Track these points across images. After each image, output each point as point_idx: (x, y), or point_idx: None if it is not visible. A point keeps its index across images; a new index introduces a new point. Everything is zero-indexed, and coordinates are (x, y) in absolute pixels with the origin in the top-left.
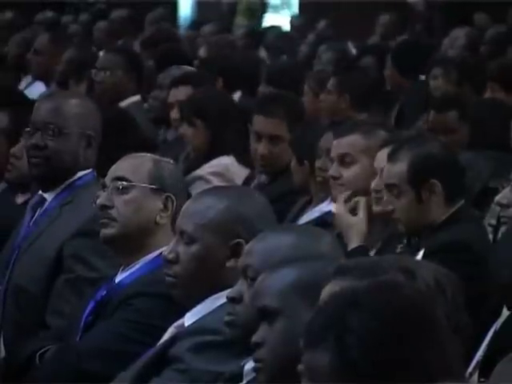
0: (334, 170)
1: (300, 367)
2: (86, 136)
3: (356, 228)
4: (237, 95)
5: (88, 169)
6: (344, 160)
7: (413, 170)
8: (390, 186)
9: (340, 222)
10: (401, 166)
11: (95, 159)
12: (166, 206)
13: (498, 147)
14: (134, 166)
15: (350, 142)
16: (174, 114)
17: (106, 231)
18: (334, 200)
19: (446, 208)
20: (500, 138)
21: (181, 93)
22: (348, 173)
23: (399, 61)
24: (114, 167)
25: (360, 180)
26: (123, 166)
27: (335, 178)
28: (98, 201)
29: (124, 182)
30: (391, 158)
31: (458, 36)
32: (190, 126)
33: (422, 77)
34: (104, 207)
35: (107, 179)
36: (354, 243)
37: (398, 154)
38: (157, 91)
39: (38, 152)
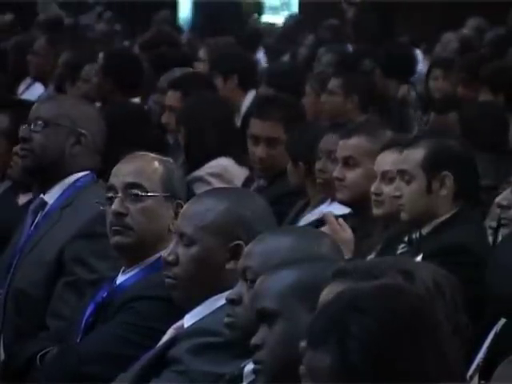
0: (338, 171)
1: (301, 369)
2: (75, 133)
3: (348, 244)
4: (251, 94)
5: (80, 167)
6: (348, 162)
7: (430, 158)
8: (402, 172)
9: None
10: (419, 152)
11: (93, 162)
12: (176, 214)
13: (493, 148)
14: (145, 171)
15: (354, 144)
16: (165, 118)
17: (122, 240)
18: (338, 201)
19: (452, 205)
20: (492, 140)
21: (170, 98)
22: (351, 175)
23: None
24: (121, 169)
25: (362, 182)
26: (134, 171)
27: (339, 180)
28: (113, 207)
29: (139, 191)
30: (410, 145)
31: (450, 40)
32: (178, 131)
33: None
34: (119, 214)
35: (116, 182)
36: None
37: (419, 141)
38: (157, 95)
39: (24, 144)
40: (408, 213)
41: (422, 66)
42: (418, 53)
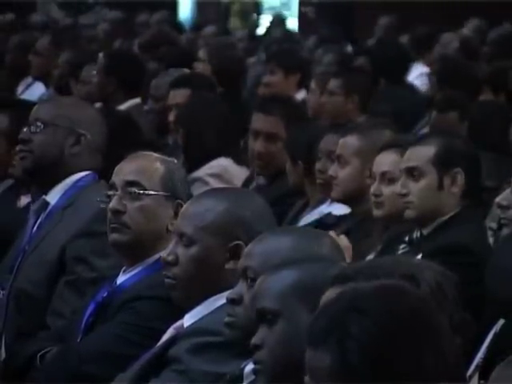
0: (332, 169)
1: (306, 379)
2: (74, 133)
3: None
4: (301, 94)
5: (80, 167)
6: (340, 160)
7: (441, 154)
8: (410, 170)
9: None
10: (429, 149)
11: (94, 162)
12: (176, 213)
13: (496, 149)
14: (146, 170)
15: (345, 143)
16: (171, 116)
17: (119, 237)
18: (332, 199)
19: (459, 204)
20: (499, 140)
21: (176, 96)
22: (341, 173)
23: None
24: (123, 168)
25: (350, 181)
26: (135, 169)
27: (332, 178)
28: (111, 205)
29: (138, 190)
30: (419, 141)
31: (452, 39)
32: (176, 132)
33: None
34: (116, 212)
35: (117, 180)
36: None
37: (428, 138)
38: (150, 102)
39: (23, 146)
40: (416, 210)
41: (415, 77)
42: (418, 67)
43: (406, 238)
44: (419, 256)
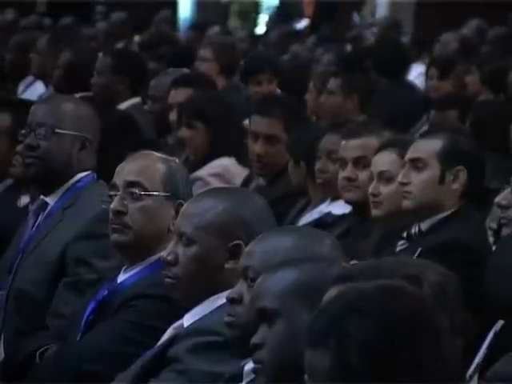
0: (350, 171)
1: (306, 377)
2: (80, 138)
3: None
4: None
5: (85, 171)
6: (359, 162)
7: (447, 149)
8: (414, 160)
9: None
10: (436, 143)
11: (93, 162)
12: (177, 213)
13: (497, 149)
14: (147, 171)
15: (364, 144)
16: (173, 115)
17: (120, 238)
18: (346, 201)
19: (458, 202)
20: (500, 140)
21: (180, 94)
22: (364, 175)
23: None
24: (124, 168)
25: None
26: (135, 170)
27: (351, 180)
28: (112, 206)
29: (139, 190)
30: (426, 135)
31: (450, 40)
32: (190, 128)
33: None
34: (118, 213)
35: (118, 180)
36: None
37: (436, 132)
38: (149, 102)
39: (30, 152)
40: (414, 201)
41: (415, 77)
42: (417, 67)
43: (405, 234)
44: (418, 251)
